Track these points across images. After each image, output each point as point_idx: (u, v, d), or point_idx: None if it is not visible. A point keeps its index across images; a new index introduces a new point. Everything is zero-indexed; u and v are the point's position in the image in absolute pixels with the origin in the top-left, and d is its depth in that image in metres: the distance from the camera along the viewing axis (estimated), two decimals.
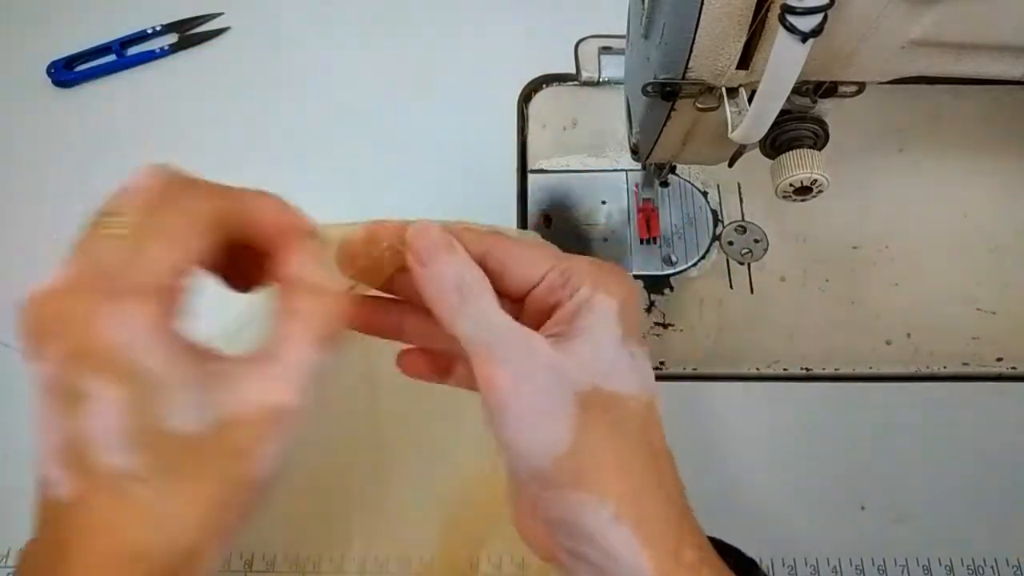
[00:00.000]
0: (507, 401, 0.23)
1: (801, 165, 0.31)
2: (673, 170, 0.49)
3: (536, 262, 0.26)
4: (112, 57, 0.54)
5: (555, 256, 0.26)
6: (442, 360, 0.29)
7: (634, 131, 0.38)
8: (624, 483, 0.23)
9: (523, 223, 0.49)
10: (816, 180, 0.31)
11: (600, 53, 0.53)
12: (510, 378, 0.23)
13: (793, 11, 0.23)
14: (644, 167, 0.45)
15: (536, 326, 0.25)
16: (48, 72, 0.53)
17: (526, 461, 0.23)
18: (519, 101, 0.53)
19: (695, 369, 0.45)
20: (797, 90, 0.30)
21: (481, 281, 0.24)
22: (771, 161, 0.33)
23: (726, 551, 0.26)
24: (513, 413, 0.23)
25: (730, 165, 0.36)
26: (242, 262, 0.25)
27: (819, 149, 0.32)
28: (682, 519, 0.24)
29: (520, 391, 0.23)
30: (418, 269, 0.25)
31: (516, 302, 0.26)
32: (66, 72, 0.53)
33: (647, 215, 0.48)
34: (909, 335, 0.46)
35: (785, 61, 0.24)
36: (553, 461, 0.22)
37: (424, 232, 0.25)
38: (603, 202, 0.50)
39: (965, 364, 0.45)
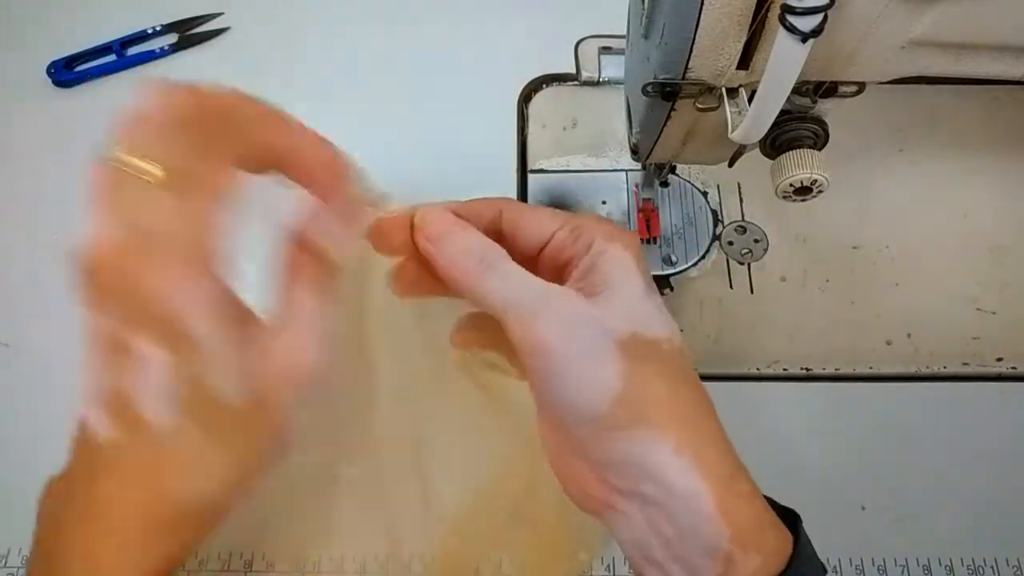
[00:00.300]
0: (557, 353, 0.23)
1: (801, 165, 0.31)
2: (673, 170, 0.49)
3: (545, 221, 0.27)
4: (112, 57, 0.54)
5: (564, 214, 0.27)
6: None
7: (634, 131, 0.38)
8: (680, 417, 0.24)
9: None
10: (816, 180, 0.31)
11: (600, 53, 0.53)
12: (557, 332, 0.24)
13: (793, 11, 0.23)
14: (644, 167, 0.45)
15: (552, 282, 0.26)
16: (48, 72, 0.53)
17: (582, 408, 0.24)
18: (519, 101, 0.53)
19: (695, 369, 0.45)
20: (797, 90, 0.30)
21: (495, 250, 0.25)
22: (771, 161, 0.33)
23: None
24: (563, 364, 0.24)
25: (730, 165, 0.36)
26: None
27: (819, 149, 0.32)
28: (731, 450, 0.26)
29: (569, 342, 0.24)
30: (432, 250, 0.26)
31: (529, 261, 0.27)
32: (66, 72, 0.53)
33: (647, 215, 0.48)
34: (909, 335, 0.46)
35: (785, 61, 0.24)
36: (610, 403, 0.23)
37: (430, 216, 0.27)
38: (603, 202, 0.50)
39: (965, 364, 0.45)
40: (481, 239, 0.26)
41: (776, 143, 0.32)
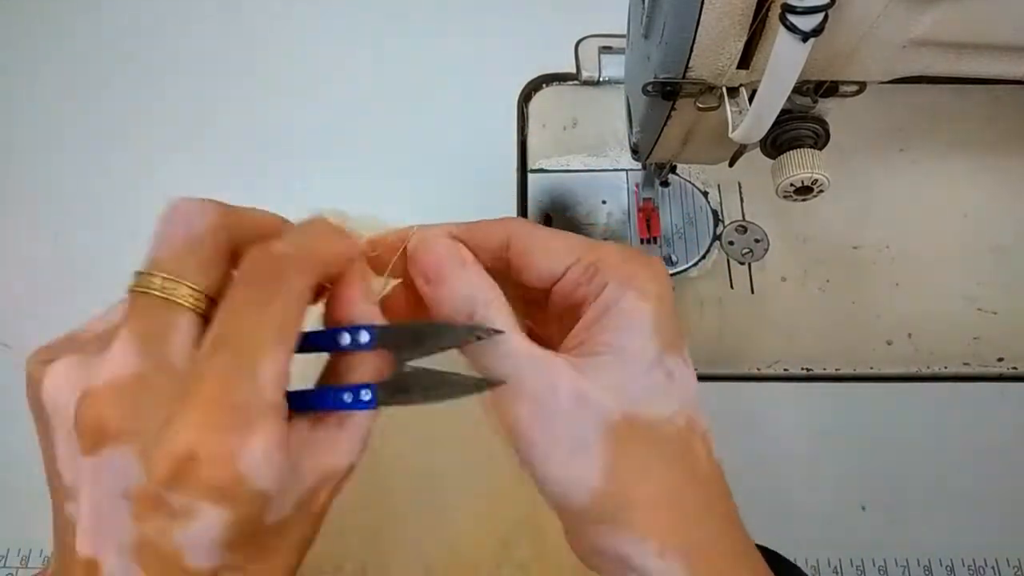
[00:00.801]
0: (533, 439, 0.21)
1: (802, 165, 0.31)
2: (673, 170, 0.49)
3: (559, 253, 0.24)
4: None
5: (581, 245, 0.24)
6: None
7: (634, 131, 0.38)
8: (666, 516, 0.21)
9: None
10: (817, 180, 0.31)
11: (600, 53, 0.53)
12: (534, 415, 0.21)
13: (794, 10, 0.23)
14: (644, 167, 0.45)
15: (564, 323, 0.24)
16: None
17: (560, 499, 0.22)
18: (519, 101, 0.53)
19: (695, 369, 0.45)
20: (798, 90, 0.29)
21: (495, 301, 0.22)
22: (771, 161, 0.33)
23: (775, 559, 0.25)
24: (540, 450, 0.21)
25: (730, 165, 0.36)
26: None
27: (820, 149, 0.32)
28: (736, 543, 0.23)
29: (544, 427, 0.21)
30: (427, 291, 0.23)
31: (538, 297, 0.24)
32: None
33: (647, 215, 0.48)
34: (909, 335, 0.45)
35: (786, 61, 0.24)
36: (590, 496, 0.21)
37: (428, 246, 0.24)
38: (603, 202, 0.50)
39: (965, 364, 0.45)
40: (474, 286, 0.23)
41: (777, 143, 0.32)
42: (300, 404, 0.21)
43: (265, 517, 0.19)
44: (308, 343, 0.22)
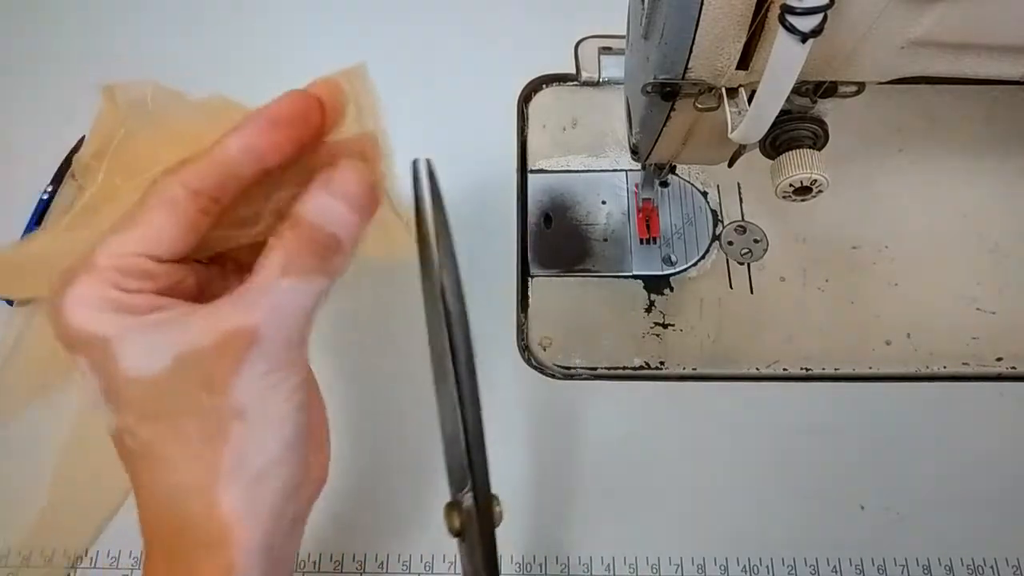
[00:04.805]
0: None
1: (801, 165, 0.31)
2: (673, 170, 0.49)
3: None
4: None
5: None
6: None
7: (634, 131, 0.38)
8: None
9: (523, 223, 0.49)
10: (816, 180, 0.31)
11: (600, 53, 0.53)
12: None
13: (793, 11, 0.23)
14: (644, 167, 0.45)
15: None
16: None
17: None
18: (519, 101, 0.53)
19: (695, 369, 0.45)
20: (797, 90, 0.29)
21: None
22: (771, 161, 0.33)
23: None
24: None
25: (730, 165, 0.36)
26: None
27: (819, 149, 0.32)
28: None
29: None
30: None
31: None
32: None
33: (647, 215, 0.48)
34: (909, 335, 0.46)
35: (785, 61, 0.24)
36: None
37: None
38: (603, 202, 0.50)
39: (965, 364, 0.45)
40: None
41: (776, 143, 0.32)
42: None
43: (123, 367, 0.21)
44: None
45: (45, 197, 0.49)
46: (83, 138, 0.51)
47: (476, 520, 0.24)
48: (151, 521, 0.23)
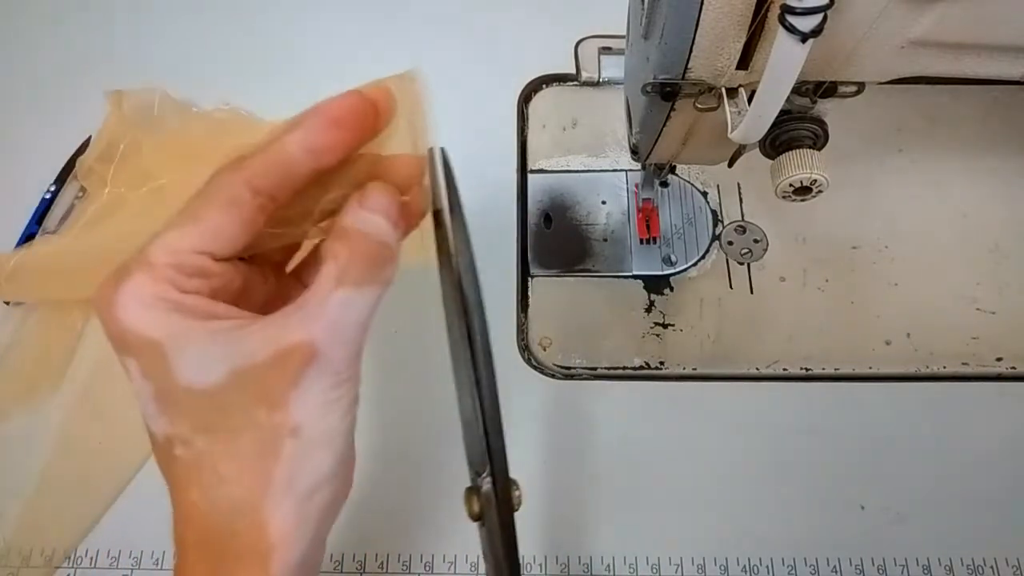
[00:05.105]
0: None
1: (801, 165, 0.31)
2: (673, 170, 0.49)
3: None
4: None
5: None
6: None
7: (634, 131, 0.38)
8: None
9: (523, 223, 0.49)
10: (816, 180, 0.31)
11: (600, 53, 0.53)
12: None
13: (793, 11, 0.23)
14: (644, 167, 0.45)
15: None
16: None
17: None
18: (519, 101, 0.53)
19: (695, 369, 0.45)
20: (797, 90, 0.30)
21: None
22: (771, 161, 0.33)
23: None
24: None
25: (730, 165, 0.36)
26: None
27: (819, 149, 0.32)
28: None
29: None
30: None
31: None
32: None
33: (647, 215, 0.48)
34: (909, 335, 0.46)
35: (785, 61, 0.24)
36: None
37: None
38: (603, 202, 0.50)
39: (965, 364, 0.45)
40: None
41: (776, 143, 0.32)
42: None
43: (179, 375, 0.21)
44: None
45: (48, 196, 0.49)
46: (88, 139, 0.51)
47: (495, 505, 0.24)
48: (193, 530, 0.22)
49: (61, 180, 0.50)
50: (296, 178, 0.23)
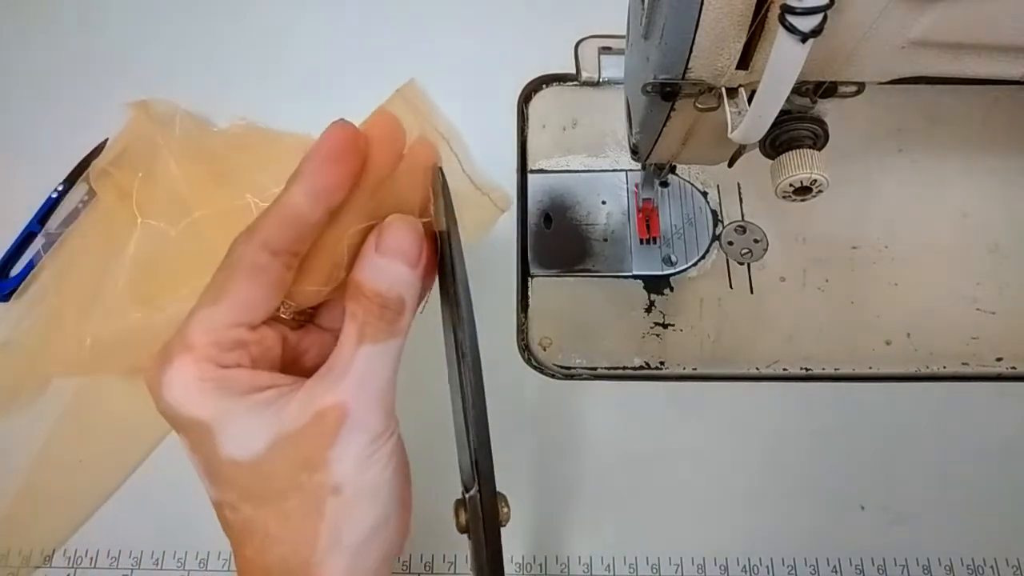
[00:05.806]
0: None
1: (801, 165, 0.31)
2: (673, 170, 0.49)
3: None
4: (42, 240, 0.48)
5: None
6: None
7: (634, 131, 0.38)
8: None
9: (523, 223, 0.49)
10: (816, 180, 0.31)
11: (600, 53, 0.53)
12: None
13: (793, 11, 0.23)
14: (644, 167, 0.45)
15: None
16: None
17: None
18: (519, 101, 0.53)
19: (695, 369, 0.45)
20: (797, 90, 0.29)
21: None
22: (771, 161, 0.33)
23: None
24: None
25: (730, 165, 0.36)
26: None
27: (819, 149, 0.32)
28: None
29: None
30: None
31: None
32: (7, 283, 0.47)
33: (647, 215, 0.48)
34: (909, 335, 0.46)
35: (785, 61, 0.24)
36: None
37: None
38: (603, 202, 0.50)
39: (965, 364, 0.45)
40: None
41: (776, 143, 0.32)
42: None
43: (223, 450, 0.22)
44: None
45: (55, 196, 0.49)
46: (103, 143, 0.50)
47: (481, 519, 0.24)
48: None
49: (71, 181, 0.50)
50: (311, 227, 0.23)
